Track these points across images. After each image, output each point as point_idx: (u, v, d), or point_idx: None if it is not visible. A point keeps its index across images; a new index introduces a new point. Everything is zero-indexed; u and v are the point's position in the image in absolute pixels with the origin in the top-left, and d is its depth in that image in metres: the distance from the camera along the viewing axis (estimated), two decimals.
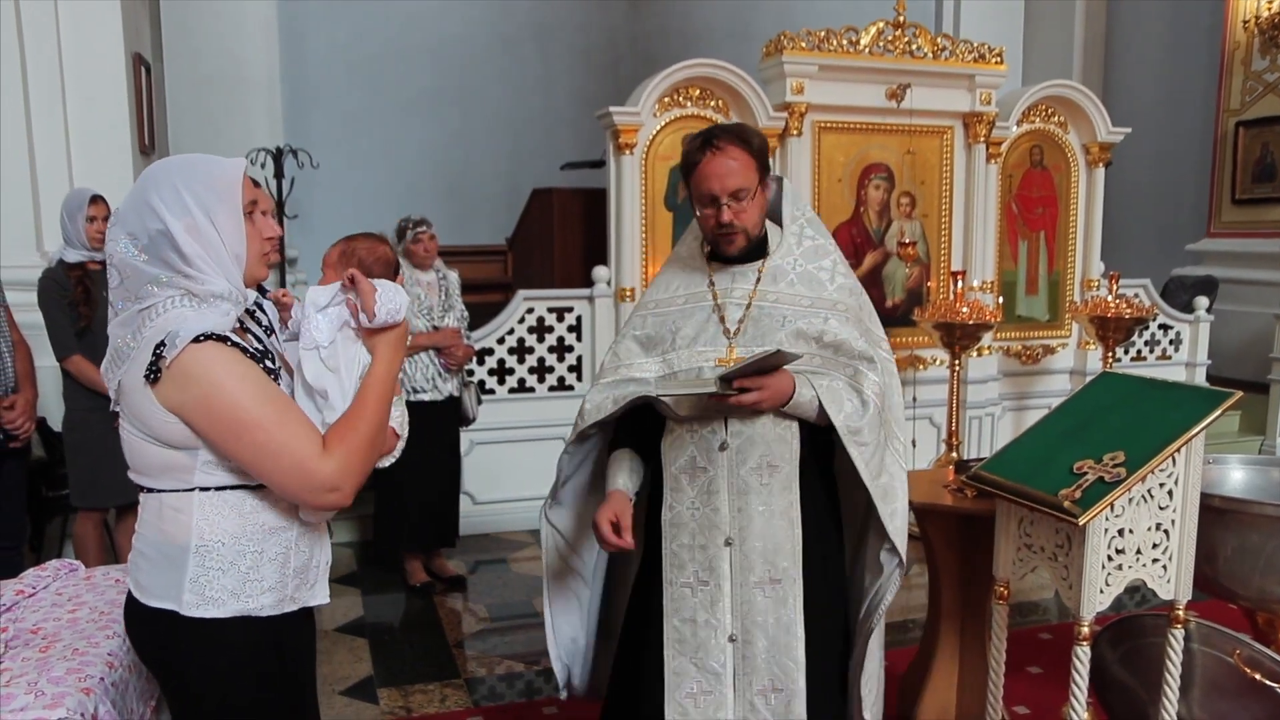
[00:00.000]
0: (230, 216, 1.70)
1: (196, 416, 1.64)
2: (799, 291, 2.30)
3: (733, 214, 2.23)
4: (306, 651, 1.97)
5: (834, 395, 2.23)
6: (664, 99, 5.54)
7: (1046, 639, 4.19)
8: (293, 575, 1.80)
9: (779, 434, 2.25)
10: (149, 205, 1.67)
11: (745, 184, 2.21)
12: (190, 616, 1.71)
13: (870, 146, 5.92)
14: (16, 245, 4.41)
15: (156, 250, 1.66)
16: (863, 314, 2.36)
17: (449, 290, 4.75)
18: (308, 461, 1.68)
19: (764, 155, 2.27)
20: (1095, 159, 6.44)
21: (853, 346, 2.28)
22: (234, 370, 1.65)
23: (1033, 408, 6.53)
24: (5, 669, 2.09)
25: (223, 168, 1.73)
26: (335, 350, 1.82)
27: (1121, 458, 2.31)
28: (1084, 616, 2.35)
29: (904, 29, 5.77)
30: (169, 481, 1.71)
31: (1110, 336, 5.44)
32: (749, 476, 2.25)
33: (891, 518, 2.31)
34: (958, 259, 6.16)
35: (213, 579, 1.71)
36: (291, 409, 1.73)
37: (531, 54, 9.39)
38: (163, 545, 1.73)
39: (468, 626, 4.43)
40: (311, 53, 8.57)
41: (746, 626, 2.27)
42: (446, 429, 4.77)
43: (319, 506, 1.74)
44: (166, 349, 1.61)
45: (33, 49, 4.60)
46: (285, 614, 1.80)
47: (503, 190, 8.86)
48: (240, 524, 1.73)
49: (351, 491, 1.75)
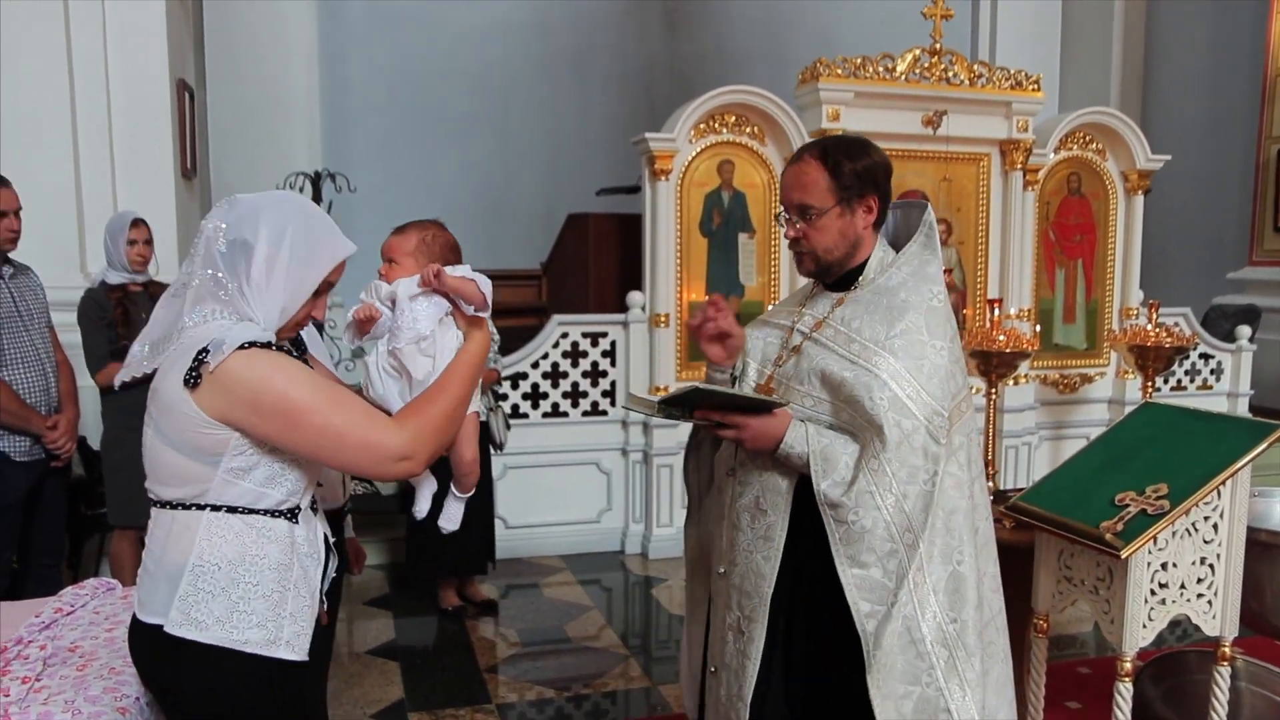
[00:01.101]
0: (304, 278, 1.75)
1: (246, 415, 1.66)
2: (860, 337, 2.02)
3: (797, 231, 2.09)
4: (313, 694, 1.95)
5: (830, 457, 1.97)
6: (700, 125, 5.56)
7: (1085, 673, 4.12)
8: (288, 618, 1.76)
9: (773, 479, 2.07)
10: (258, 218, 1.72)
11: (814, 202, 2.05)
12: (172, 634, 1.71)
13: (906, 173, 5.89)
14: (61, 266, 4.49)
15: (233, 251, 1.71)
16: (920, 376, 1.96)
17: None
18: (372, 434, 1.71)
19: (854, 179, 2.04)
20: (1134, 186, 6.38)
21: (866, 408, 1.94)
22: (281, 366, 1.68)
23: (1070, 437, 6.44)
24: (44, 686, 2.10)
25: (334, 240, 1.79)
26: (434, 339, 1.90)
27: (1165, 490, 2.28)
28: (1126, 652, 2.31)
29: (940, 56, 5.76)
30: (183, 493, 1.72)
31: (1150, 366, 5.35)
32: (742, 513, 2.14)
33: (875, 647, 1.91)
34: (994, 286, 6.11)
35: (201, 600, 1.71)
36: (343, 392, 1.77)
37: (568, 79, 9.46)
38: (164, 561, 1.74)
39: (499, 651, 4.41)
40: (351, 78, 8.69)
41: (717, 666, 2.21)
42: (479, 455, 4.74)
43: (395, 476, 1.78)
44: (211, 355, 1.63)
45: (81, 76, 4.69)
46: (280, 660, 1.75)
47: (538, 214, 8.92)
48: (240, 551, 1.72)
49: (425, 460, 1.78)
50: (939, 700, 1.92)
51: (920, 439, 1.92)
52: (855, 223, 2.08)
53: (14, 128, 4.58)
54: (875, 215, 2.10)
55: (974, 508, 2.03)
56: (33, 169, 4.51)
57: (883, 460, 1.91)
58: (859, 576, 1.92)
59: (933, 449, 1.93)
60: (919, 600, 1.92)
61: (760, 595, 2.07)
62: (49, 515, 3.76)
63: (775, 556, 2.05)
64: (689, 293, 5.62)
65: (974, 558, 1.99)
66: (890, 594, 1.91)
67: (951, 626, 1.94)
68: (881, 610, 1.91)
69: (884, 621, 1.90)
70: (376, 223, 9.59)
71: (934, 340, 1.99)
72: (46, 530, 3.76)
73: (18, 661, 2.20)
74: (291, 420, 1.67)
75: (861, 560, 1.92)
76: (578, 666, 4.27)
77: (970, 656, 1.95)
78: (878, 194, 2.08)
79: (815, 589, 2.01)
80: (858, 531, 1.92)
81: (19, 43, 4.57)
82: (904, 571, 1.91)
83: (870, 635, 1.91)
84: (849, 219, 2.07)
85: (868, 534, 1.91)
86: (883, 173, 2.09)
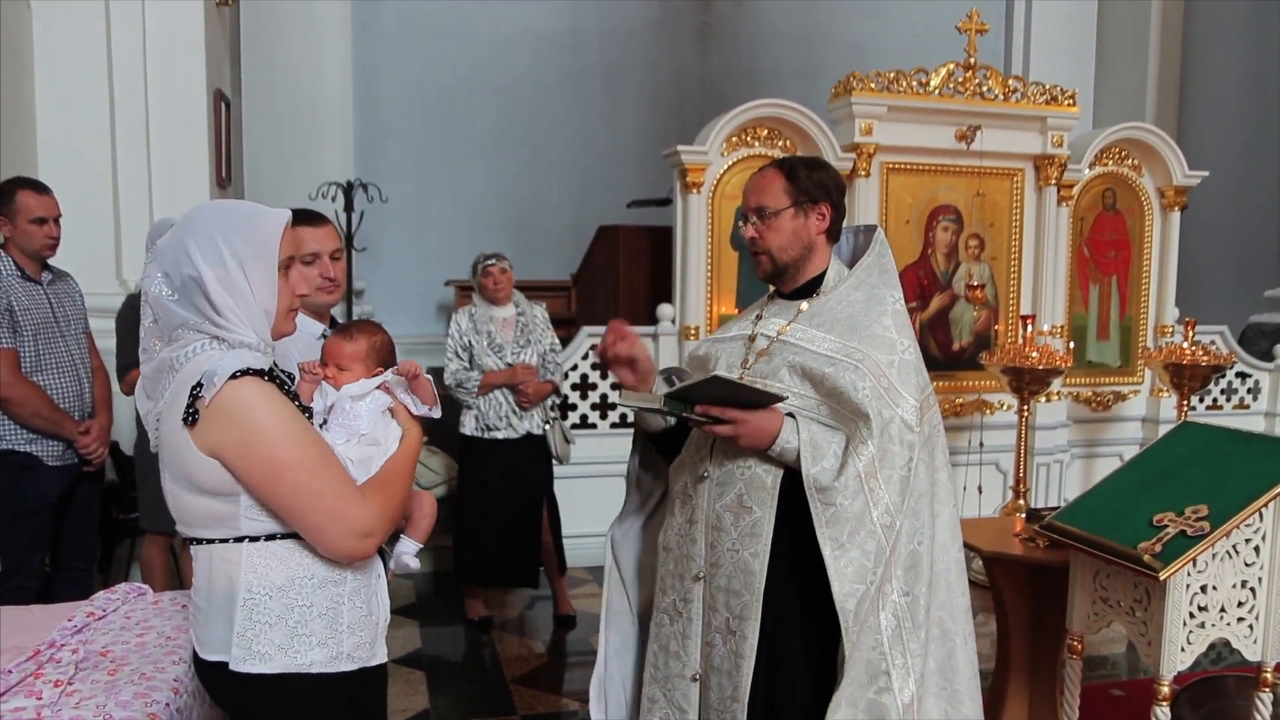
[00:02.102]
0: (264, 271, 1.68)
1: (235, 458, 1.62)
2: (831, 336, 2.13)
3: (754, 231, 2.22)
4: (377, 713, 1.92)
5: (818, 445, 2.06)
6: (732, 138, 5.55)
7: (1119, 695, 4.05)
8: (347, 631, 1.75)
9: (757, 475, 2.13)
10: (185, 250, 1.65)
11: (770, 202, 2.20)
12: (239, 671, 1.69)
13: (939, 188, 5.86)
14: (97, 273, 4.54)
15: (188, 294, 1.65)
16: (892, 370, 2.08)
17: (527, 326, 4.69)
18: (349, 504, 1.67)
19: (809, 185, 2.20)
20: (1170, 202, 6.31)
21: (851, 398, 2.04)
22: (276, 409, 1.63)
23: (1103, 455, 6.37)
24: (75, 690, 2.11)
25: (264, 220, 1.71)
26: (374, 431, 1.87)
27: (1205, 511, 2.24)
28: (1164, 676, 2.27)
29: (975, 70, 5.73)
30: (215, 531, 1.70)
31: (1185, 384, 5.28)
32: (724, 513, 2.17)
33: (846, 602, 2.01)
34: (1027, 303, 6.06)
35: (260, 632, 1.69)
36: (329, 453, 1.72)
37: (599, 92, 9.48)
38: (213, 597, 1.72)
39: (525, 663, 4.40)
40: (384, 90, 8.75)
41: (706, 670, 2.21)
42: (525, 467, 4.68)
43: (350, 553, 1.71)
44: (204, 389, 1.59)
45: (120, 85, 4.75)
46: (344, 673, 1.75)
47: (569, 226, 8.93)
48: (288, 576, 1.70)
49: (379, 542, 1.75)
50: (880, 663, 2.01)
51: (897, 428, 2.04)
52: (809, 226, 2.21)
53: (54, 136, 4.65)
54: (828, 223, 2.22)
55: (934, 494, 2.14)
56: (71, 177, 4.57)
57: (869, 446, 2.02)
58: (841, 557, 2.01)
59: (908, 437, 2.05)
60: (886, 577, 2.03)
61: (753, 592, 2.11)
62: (81, 519, 3.79)
63: (764, 553, 2.11)
64: (719, 306, 5.61)
65: (931, 539, 2.10)
66: (870, 573, 2.00)
67: (904, 599, 2.04)
68: (861, 589, 2.00)
69: (863, 599, 1.99)
70: (408, 233, 9.72)
71: (901, 339, 2.13)
72: (78, 534, 3.79)
73: (50, 665, 2.22)
74: (276, 472, 1.62)
75: (845, 543, 2.01)
76: None
77: (916, 629, 2.05)
78: (830, 204, 2.22)
79: (805, 579, 2.07)
80: (844, 515, 2.01)
81: (60, 53, 4.64)
82: (883, 552, 2.01)
83: (850, 613, 1.99)
84: (803, 221, 2.20)
85: (853, 518, 2.01)
86: (835, 186, 2.25)
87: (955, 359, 6.01)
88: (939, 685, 2.12)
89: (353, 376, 1.92)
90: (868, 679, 2.01)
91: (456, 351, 4.62)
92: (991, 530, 3.33)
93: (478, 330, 4.60)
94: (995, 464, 6.03)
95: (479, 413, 4.61)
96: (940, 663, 2.14)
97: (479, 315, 4.64)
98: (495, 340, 4.59)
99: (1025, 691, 3.19)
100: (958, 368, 6.01)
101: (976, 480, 5.63)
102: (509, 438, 4.60)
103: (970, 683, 2.18)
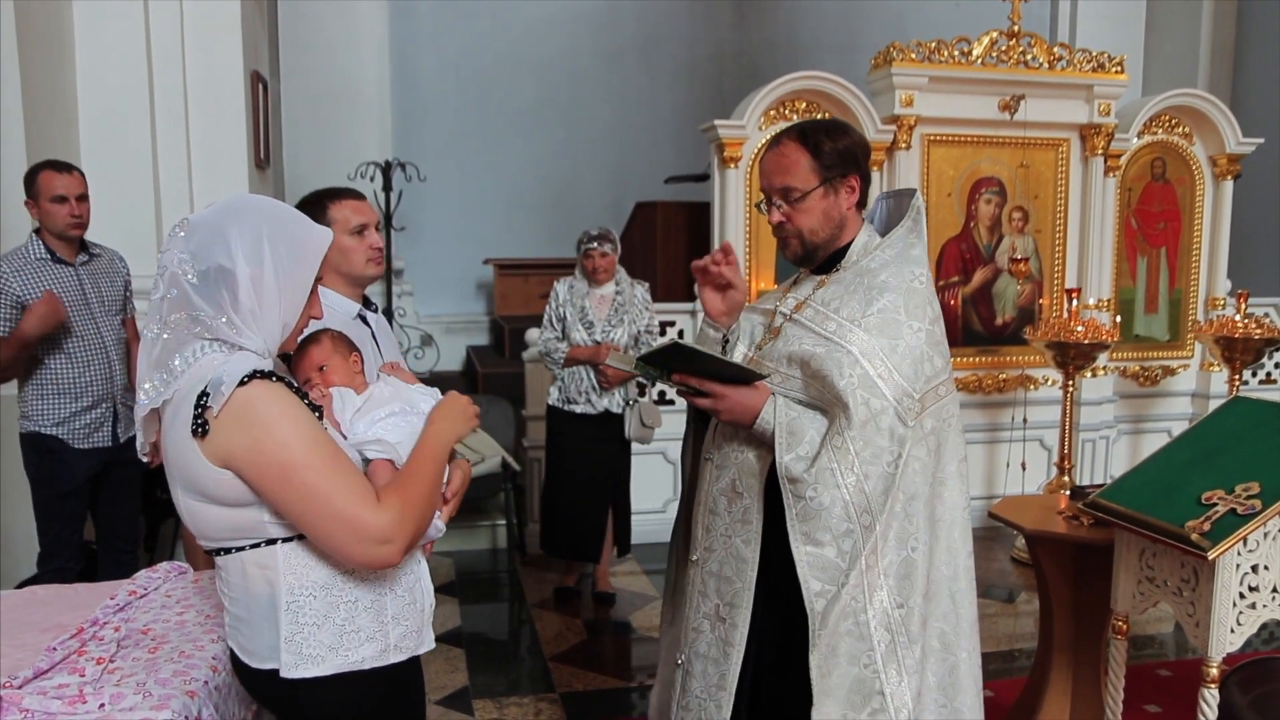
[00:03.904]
0: (299, 285, 1.63)
1: (246, 461, 1.53)
2: (841, 309, 2.00)
3: (781, 215, 2.07)
4: (419, 698, 1.91)
5: (795, 431, 1.93)
6: (769, 112, 5.48)
7: (1165, 676, 3.98)
8: (392, 622, 1.71)
9: (748, 460, 2.04)
10: (225, 238, 1.57)
11: (796, 184, 2.03)
12: (291, 678, 1.64)
13: (981, 160, 5.76)
14: (139, 256, 4.58)
15: (211, 283, 1.57)
16: (892, 356, 1.93)
17: (624, 305, 4.66)
18: (361, 510, 1.55)
19: (835, 157, 2.03)
20: (1223, 171, 6.14)
21: (835, 384, 1.90)
22: (286, 410, 1.55)
23: (1150, 431, 6.25)
24: (117, 668, 2.14)
25: (312, 236, 1.66)
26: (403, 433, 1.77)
27: (1256, 489, 2.17)
28: (1212, 657, 2.21)
29: (1018, 38, 5.60)
30: (243, 540, 1.63)
31: (1237, 358, 5.16)
32: (719, 497, 2.10)
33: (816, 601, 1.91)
34: (1072, 276, 5.94)
35: (308, 635, 1.63)
36: (342, 455, 1.61)
37: (636, 68, 9.42)
38: (253, 605, 1.66)
39: (564, 641, 4.42)
40: (421, 69, 8.76)
41: (690, 657, 2.14)
42: (599, 444, 4.68)
43: (367, 562, 1.59)
44: (211, 398, 1.51)
45: (159, 68, 4.79)
46: (393, 664, 1.72)
47: (607, 203, 8.90)
48: (329, 574, 1.65)
49: (403, 549, 1.61)
50: (874, 683, 1.89)
51: (888, 420, 1.89)
52: (839, 203, 2.07)
53: (94, 119, 4.69)
54: (857, 195, 2.09)
55: (938, 496, 1.99)
56: (112, 159, 4.63)
57: (847, 438, 1.88)
58: (813, 555, 1.90)
59: (899, 430, 1.90)
60: (869, 583, 1.89)
61: (744, 579, 2.03)
62: (119, 501, 3.82)
63: (755, 540, 2.02)
64: (758, 281, 5.55)
65: (929, 547, 1.96)
66: (842, 574, 1.89)
67: (897, 611, 1.91)
68: (831, 590, 1.89)
69: (832, 601, 1.88)
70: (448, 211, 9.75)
71: (911, 321, 1.96)
72: (118, 516, 3.83)
73: (93, 643, 2.25)
74: (285, 474, 1.53)
75: (816, 538, 1.90)
76: (642, 656, 4.26)
77: (911, 644, 1.92)
78: (859, 173, 2.07)
79: (790, 571, 1.95)
80: (815, 508, 1.89)
81: (99, 37, 4.67)
82: (858, 553, 1.88)
83: (818, 614, 1.89)
84: (833, 199, 2.06)
85: (824, 511, 1.89)
86: (862, 152, 2.08)
87: (998, 334, 5.92)
88: (938, 703, 1.99)
89: (337, 373, 1.85)
90: (860, 699, 1.89)
91: (551, 320, 4.65)
92: (1035, 508, 3.28)
93: (573, 303, 4.61)
94: (1039, 440, 5.94)
95: (562, 384, 4.67)
96: (941, 679, 2.00)
97: (577, 288, 4.67)
98: (588, 316, 4.60)
99: (1069, 671, 3.14)
100: (1001, 343, 5.92)
101: (1020, 457, 5.55)
102: (587, 413, 4.63)
103: (974, 701, 2.05)
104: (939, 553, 1.99)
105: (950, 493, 2.01)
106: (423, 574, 1.82)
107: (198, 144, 4.87)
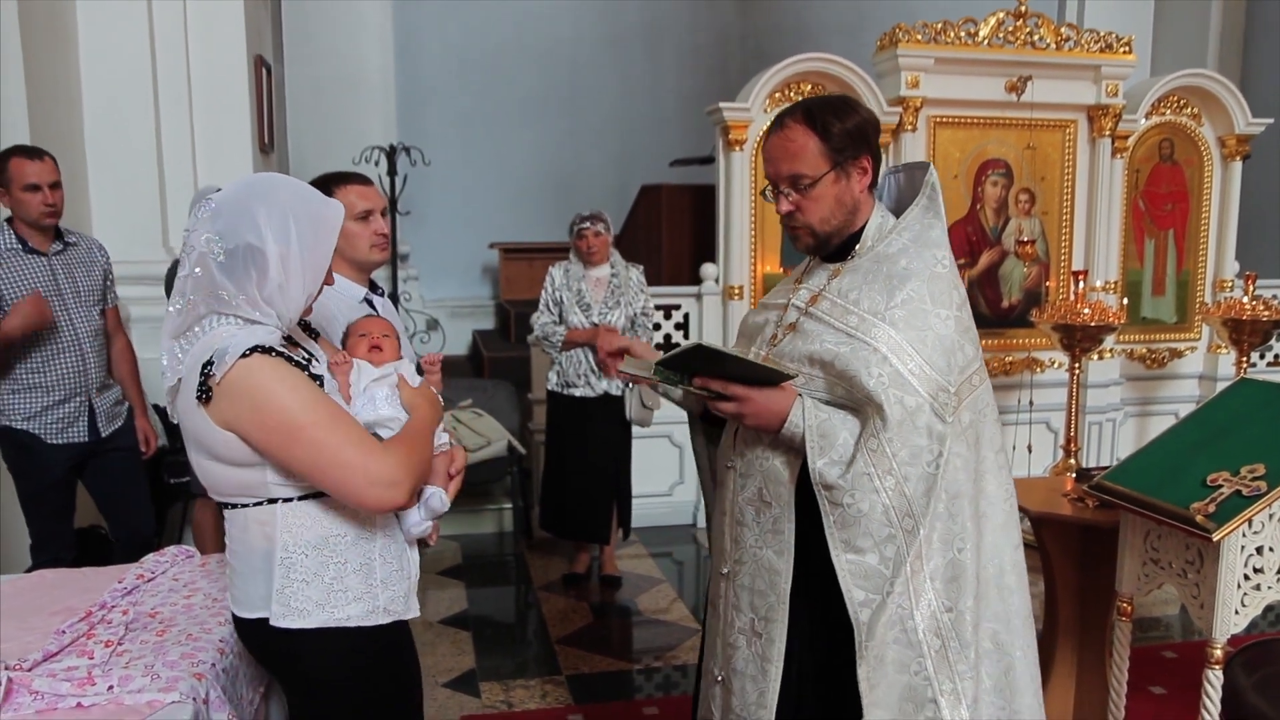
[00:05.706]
0: (319, 259, 1.73)
1: (250, 428, 1.64)
2: (861, 301, 1.87)
3: (791, 204, 1.93)
4: (413, 667, 1.98)
5: (827, 434, 1.81)
6: (775, 94, 5.46)
7: (1170, 658, 3.99)
8: (381, 585, 1.81)
9: (774, 468, 1.91)
10: (252, 218, 1.66)
11: (805, 170, 1.89)
12: (279, 627, 1.75)
13: (988, 141, 5.73)
14: (143, 241, 4.60)
15: (238, 260, 1.65)
16: (923, 349, 1.81)
17: (619, 287, 4.66)
18: (369, 456, 1.67)
19: (845, 138, 1.89)
20: (1232, 152, 6.10)
21: (864, 384, 1.79)
22: (284, 378, 1.65)
23: (1157, 413, 6.23)
24: (125, 650, 2.15)
25: (330, 210, 1.75)
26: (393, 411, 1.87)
27: (1261, 470, 2.17)
28: (1217, 639, 2.21)
29: (1025, 19, 5.56)
30: (247, 497, 1.75)
31: (1245, 340, 5.14)
32: (745, 507, 1.98)
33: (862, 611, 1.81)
34: (1079, 258, 5.92)
35: (297, 589, 1.75)
36: (343, 413, 1.73)
37: (640, 53, 9.39)
38: (249, 558, 1.78)
39: (570, 623, 4.43)
40: (425, 54, 8.73)
41: (728, 674, 2.03)
42: (599, 426, 4.68)
43: (379, 503, 1.71)
44: (215, 366, 1.62)
45: (163, 53, 4.78)
46: (380, 625, 1.81)
47: (612, 187, 8.89)
48: (322, 534, 1.76)
49: (409, 491, 1.73)
50: (926, 690, 1.81)
51: (925, 418, 1.78)
52: (851, 187, 1.93)
53: (98, 105, 4.68)
54: (870, 177, 1.95)
55: (981, 491, 1.89)
56: (116, 145, 4.64)
57: (883, 440, 1.77)
58: (854, 563, 1.80)
59: (938, 428, 1.79)
60: (915, 588, 1.80)
61: (778, 592, 1.92)
62: (122, 490, 3.75)
63: (788, 550, 1.90)
64: (763, 264, 5.55)
65: (976, 545, 1.86)
66: (886, 581, 1.79)
67: (946, 616, 1.82)
68: (877, 599, 1.79)
69: (878, 610, 1.79)
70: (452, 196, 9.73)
71: (938, 309, 1.84)
72: (123, 505, 3.77)
73: (102, 625, 2.26)
74: (291, 434, 1.64)
75: (857, 545, 1.80)
76: (648, 639, 4.28)
77: (964, 648, 1.83)
78: (870, 153, 1.93)
79: (829, 579, 1.84)
80: (854, 515, 1.79)
81: (103, 21, 4.66)
82: (902, 558, 1.79)
83: (864, 625, 1.79)
84: (845, 184, 1.92)
85: (864, 518, 1.79)
86: (873, 130, 1.94)
87: (1005, 316, 5.90)
88: (996, 706, 1.91)
89: (389, 352, 1.93)
90: (913, 708, 1.81)
91: (548, 304, 4.66)
92: (1041, 490, 3.28)
93: (569, 286, 4.61)
94: (1046, 423, 5.94)
95: (560, 368, 4.67)
96: (996, 681, 1.92)
97: (573, 272, 4.67)
98: (584, 299, 4.60)
99: (1073, 653, 3.15)
100: (1007, 325, 5.91)
101: (1026, 439, 5.54)
102: (586, 396, 4.64)
103: (1033, 700, 1.96)
104: (985, 550, 1.90)
105: (991, 485, 1.92)
106: (410, 543, 1.91)
107: (202, 129, 4.87)
